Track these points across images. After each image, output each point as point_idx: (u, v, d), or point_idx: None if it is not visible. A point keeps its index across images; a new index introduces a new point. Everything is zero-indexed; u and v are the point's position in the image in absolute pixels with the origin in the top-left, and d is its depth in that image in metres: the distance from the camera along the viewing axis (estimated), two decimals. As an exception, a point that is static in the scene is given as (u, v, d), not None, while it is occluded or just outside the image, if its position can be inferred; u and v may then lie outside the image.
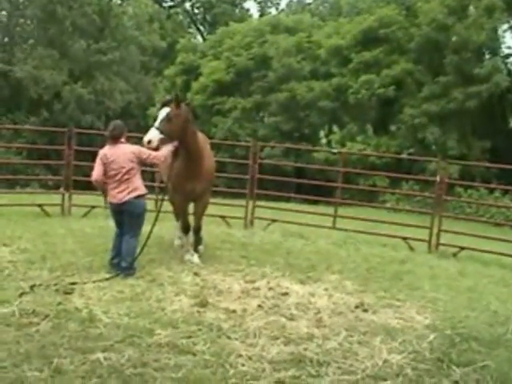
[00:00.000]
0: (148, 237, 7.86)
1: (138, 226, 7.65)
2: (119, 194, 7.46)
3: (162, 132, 7.60)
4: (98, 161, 7.59)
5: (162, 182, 9.85)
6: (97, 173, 7.59)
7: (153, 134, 7.59)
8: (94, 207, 12.38)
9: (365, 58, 29.03)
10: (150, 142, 7.55)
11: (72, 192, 12.69)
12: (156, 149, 7.65)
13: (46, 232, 9.98)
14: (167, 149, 7.77)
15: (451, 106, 26.06)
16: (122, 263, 7.52)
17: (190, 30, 48.90)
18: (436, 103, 26.44)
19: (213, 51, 35.83)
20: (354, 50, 29.74)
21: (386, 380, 4.81)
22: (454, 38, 26.59)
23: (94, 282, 6.95)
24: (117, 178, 7.44)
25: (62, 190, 12.92)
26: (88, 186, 14.12)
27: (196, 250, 8.64)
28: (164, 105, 7.89)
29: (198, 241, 8.76)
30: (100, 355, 4.82)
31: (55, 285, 6.68)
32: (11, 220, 11.01)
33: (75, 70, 33.05)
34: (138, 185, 7.53)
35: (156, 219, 8.06)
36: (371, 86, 28.20)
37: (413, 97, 27.93)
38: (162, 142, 7.68)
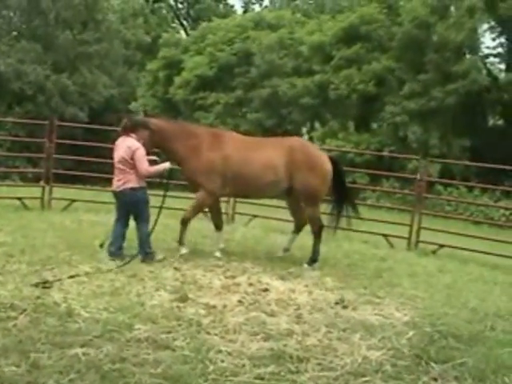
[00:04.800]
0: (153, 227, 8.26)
1: (141, 212, 8.06)
2: (117, 182, 8.03)
3: None
4: None
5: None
6: None
7: None
8: (74, 201, 12.30)
9: (346, 54, 29.04)
10: None
11: (52, 185, 12.58)
12: (154, 163, 8.21)
13: (26, 225, 9.88)
14: (163, 166, 8.21)
15: (431, 105, 26.17)
16: (141, 250, 7.99)
17: (174, 25, 48.69)
18: (416, 101, 26.57)
19: (195, 46, 35.73)
20: (336, 47, 29.75)
21: (365, 376, 4.82)
22: (434, 37, 26.72)
23: (80, 275, 6.89)
24: (116, 166, 8.02)
25: (42, 183, 12.80)
26: (68, 180, 14.10)
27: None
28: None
29: (180, 232, 8.75)
30: (78, 350, 4.77)
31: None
32: (-11, 213, 10.89)
33: (60, 62, 32.66)
34: (131, 178, 7.91)
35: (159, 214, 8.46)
36: (351, 82, 28.27)
37: (394, 94, 27.99)
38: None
